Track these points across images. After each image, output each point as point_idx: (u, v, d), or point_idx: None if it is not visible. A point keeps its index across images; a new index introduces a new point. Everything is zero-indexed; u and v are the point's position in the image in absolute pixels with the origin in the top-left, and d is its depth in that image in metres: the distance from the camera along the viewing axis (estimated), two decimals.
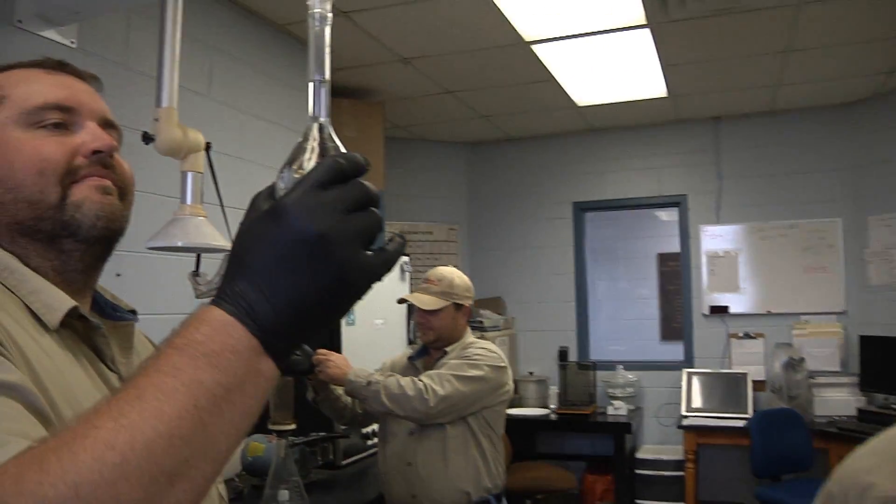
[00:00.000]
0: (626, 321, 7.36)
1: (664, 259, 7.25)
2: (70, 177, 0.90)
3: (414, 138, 6.20)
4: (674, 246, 6.30)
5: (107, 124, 0.97)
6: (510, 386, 2.80)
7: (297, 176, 0.63)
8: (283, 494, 2.24)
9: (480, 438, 2.69)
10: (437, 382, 2.56)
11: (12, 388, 0.67)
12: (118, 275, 2.51)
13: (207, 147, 2.06)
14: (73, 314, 0.87)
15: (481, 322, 5.44)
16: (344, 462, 3.31)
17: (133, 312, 1.03)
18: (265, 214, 0.61)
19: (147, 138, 1.95)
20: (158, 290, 2.85)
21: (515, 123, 5.96)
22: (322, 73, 0.69)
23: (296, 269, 0.59)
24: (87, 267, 0.94)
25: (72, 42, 2.61)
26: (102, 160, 0.93)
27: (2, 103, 0.91)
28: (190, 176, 2.01)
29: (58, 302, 0.86)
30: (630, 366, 5.86)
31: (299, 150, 0.66)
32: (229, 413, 0.58)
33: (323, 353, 2.58)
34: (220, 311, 0.60)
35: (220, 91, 3.36)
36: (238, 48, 3.52)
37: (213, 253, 2.03)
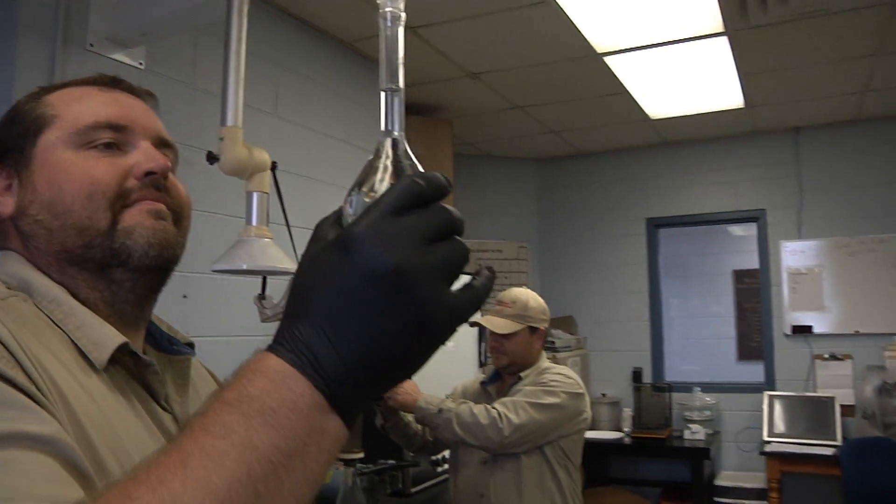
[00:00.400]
0: (700, 340, 7.12)
1: (740, 276, 7.00)
2: (121, 201, 0.83)
3: (482, 155, 6.12)
4: (749, 262, 6.06)
5: (162, 143, 0.90)
6: (588, 414, 2.67)
7: (367, 199, 0.54)
8: None
9: (557, 469, 2.56)
10: (511, 410, 2.44)
11: (47, 443, 0.59)
12: (184, 296, 2.48)
13: (273, 166, 2.01)
14: (122, 350, 0.80)
15: (553, 342, 5.30)
16: (413, 490, 3.21)
17: (190, 346, 0.96)
18: (331, 245, 0.52)
19: (212, 158, 1.90)
20: (225, 312, 2.82)
21: (586, 138, 5.82)
22: (395, 80, 0.60)
23: (368, 309, 0.50)
24: (140, 298, 0.87)
25: (140, 63, 2.61)
26: (156, 182, 0.86)
27: (53, 123, 0.86)
28: (255, 196, 1.97)
29: (105, 338, 0.79)
30: (707, 387, 5.63)
31: (370, 169, 0.57)
32: (289, 481, 0.49)
33: None
34: (278, 360, 0.51)
35: (286, 109, 3.33)
36: (305, 66, 3.49)
37: (279, 275, 1.98)
